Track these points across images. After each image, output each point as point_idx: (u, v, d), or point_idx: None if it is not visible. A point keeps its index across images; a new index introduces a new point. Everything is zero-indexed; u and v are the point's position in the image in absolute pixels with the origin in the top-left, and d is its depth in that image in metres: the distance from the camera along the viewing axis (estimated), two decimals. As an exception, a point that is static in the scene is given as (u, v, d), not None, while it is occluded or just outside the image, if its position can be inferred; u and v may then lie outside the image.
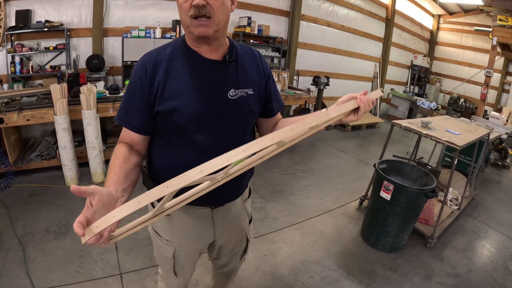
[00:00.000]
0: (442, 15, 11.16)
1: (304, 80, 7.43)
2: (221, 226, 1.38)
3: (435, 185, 2.93)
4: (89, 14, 4.67)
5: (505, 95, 9.70)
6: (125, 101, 1.18)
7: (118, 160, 1.06)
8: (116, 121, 1.20)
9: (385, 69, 9.76)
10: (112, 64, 5.03)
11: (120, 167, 1.04)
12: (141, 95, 1.13)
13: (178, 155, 1.19)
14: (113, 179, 0.99)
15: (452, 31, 11.05)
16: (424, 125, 3.58)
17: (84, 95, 3.49)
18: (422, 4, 10.45)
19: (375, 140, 7.20)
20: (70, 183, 3.59)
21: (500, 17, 7.19)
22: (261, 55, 1.35)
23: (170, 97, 1.11)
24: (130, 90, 1.16)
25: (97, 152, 3.66)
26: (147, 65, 1.12)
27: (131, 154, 1.13)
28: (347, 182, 4.64)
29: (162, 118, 1.14)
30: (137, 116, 1.15)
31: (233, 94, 1.19)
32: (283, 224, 3.35)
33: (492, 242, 3.64)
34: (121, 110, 1.18)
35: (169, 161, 1.21)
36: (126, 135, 1.19)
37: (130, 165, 1.08)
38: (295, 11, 6.90)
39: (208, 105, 1.14)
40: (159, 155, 1.24)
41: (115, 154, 1.11)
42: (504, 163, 6.69)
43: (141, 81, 1.12)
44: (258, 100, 1.28)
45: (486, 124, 5.66)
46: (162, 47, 1.19)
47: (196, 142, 1.16)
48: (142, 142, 1.20)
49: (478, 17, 10.04)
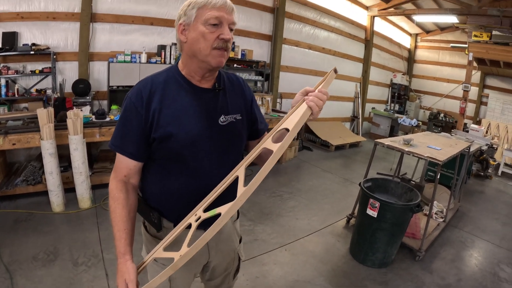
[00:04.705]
0: (419, 34, 11.62)
1: (287, 102, 7.55)
2: (214, 247, 1.41)
3: (419, 200, 3.01)
4: (76, 38, 4.70)
5: (483, 107, 10.04)
6: (120, 128, 1.22)
7: (123, 211, 1.19)
8: (111, 148, 1.24)
9: (366, 89, 10.00)
10: (98, 89, 5.03)
11: (127, 222, 1.19)
12: (137, 123, 1.17)
13: (173, 180, 1.24)
14: (126, 241, 1.18)
15: (430, 49, 11.51)
16: (406, 142, 3.68)
17: (71, 120, 3.48)
18: (400, 24, 10.87)
19: (358, 159, 7.33)
20: (57, 209, 3.54)
21: (475, 33, 7.53)
22: (244, 80, 1.44)
23: (166, 123, 1.17)
24: (125, 117, 1.20)
25: (83, 177, 3.63)
26: (142, 93, 1.17)
27: (129, 194, 1.23)
28: (333, 201, 4.68)
29: (158, 144, 1.19)
30: (133, 143, 1.19)
31: (224, 120, 1.26)
32: (273, 245, 3.35)
33: (479, 250, 3.73)
34: (116, 138, 1.22)
35: (164, 187, 1.25)
36: (122, 164, 1.23)
37: (132, 209, 1.23)
38: (277, 35, 7.06)
39: (201, 131, 1.20)
40: (154, 181, 1.27)
41: (115, 198, 1.21)
42: (486, 173, 6.89)
43: (137, 109, 1.17)
44: (246, 124, 1.36)
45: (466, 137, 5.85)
46: (156, 75, 1.24)
47: (190, 166, 1.21)
48: (138, 172, 1.26)
49: (454, 34, 10.52)
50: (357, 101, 9.87)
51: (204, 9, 1.10)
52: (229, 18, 1.13)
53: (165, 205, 1.27)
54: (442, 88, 11.16)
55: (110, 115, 4.37)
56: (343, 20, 8.77)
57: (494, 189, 6.33)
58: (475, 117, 10.17)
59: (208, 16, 1.10)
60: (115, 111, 4.53)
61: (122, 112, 1.22)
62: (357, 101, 9.88)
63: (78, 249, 2.93)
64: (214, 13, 1.10)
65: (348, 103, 9.80)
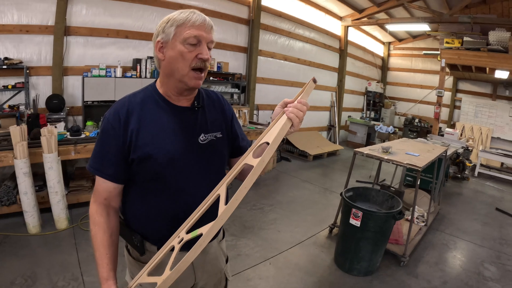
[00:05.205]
0: (392, 42, 12.00)
1: (264, 114, 7.59)
2: (201, 268, 1.36)
3: (401, 206, 3.05)
4: (49, 52, 4.55)
5: (457, 111, 10.43)
6: (98, 150, 1.18)
7: (104, 236, 1.15)
8: (89, 171, 1.19)
9: (341, 98, 10.18)
10: (72, 104, 4.88)
11: (109, 248, 1.15)
12: (115, 144, 1.14)
13: (154, 201, 1.20)
14: (109, 266, 1.13)
15: (402, 56, 11.88)
16: (385, 150, 3.74)
17: (45, 137, 3.35)
18: (373, 33, 11.19)
19: (337, 167, 7.39)
20: (33, 231, 3.37)
21: (447, 40, 7.83)
22: (223, 97, 1.42)
23: (144, 144, 1.14)
24: (103, 139, 1.16)
25: (59, 197, 3.49)
26: (119, 114, 1.14)
27: (110, 217, 1.19)
28: (315, 212, 4.67)
29: (137, 165, 1.15)
30: (112, 165, 1.15)
31: (204, 138, 1.23)
32: (257, 260, 3.30)
33: (462, 251, 3.83)
34: (95, 160, 1.18)
35: (146, 209, 1.21)
36: (101, 187, 1.18)
37: (114, 233, 1.19)
38: (252, 47, 7.09)
39: (181, 150, 1.17)
40: (135, 203, 1.23)
41: (95, 223, 1.16)
42: (463, 175, 7.11)
43: (115, 130, 1.13)
44: (226, 142, 1.34)
45: (442, 141, 6.03)
46: (133, 95, 1.21)
47: (171, 187, 1.18)
48: (118, 194, 1.22)
49: (425, 41, 10.93)
50: (333, 110, 10.00)
51: (183, 27, 1.08)
52: (207, 37, 1.12)
53: (147, 228, 1.23)
54: (416, 94, 11.51)
55: (85, 132, 4.24)
56: (318, 31, 8.93)
57: (472, 190, 6.54)
58: (449, 121, 10.53)
59: (187, 35, 1.08)
60: (91, 127, 4.40)
61: (99, 134, 1.19)
62: (333, 110, 10.02)
63: (57, 272, 2.79)
64: (193, 32, 1.08)
65: (324, 113, 9.93)
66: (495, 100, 9.55)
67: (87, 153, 3.89)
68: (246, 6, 7.00)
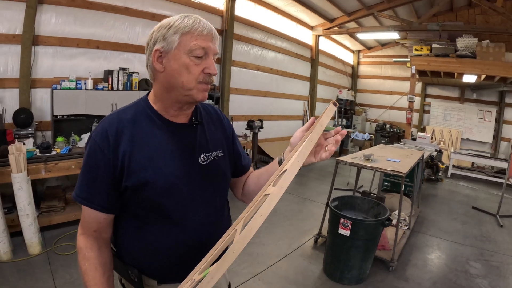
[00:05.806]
0: (361, 50, 12.33)
1: (238, 125, 7.47)
2: None
3: (388, 213, 3.07)
4: (16, 63, 4.25)
5: (427, 115, 10.84)
6: (84, 176, 1.02)
7: (97, 273, 1.01)
8: (75, 200, 1.03)
9: (314, 106, 10.28)
10: (41, 119, 4.58)
11: (103, 285, 1.00)
12: (104, 169, 0.99)
13: (152, 232, 1.06)
14: None
15: (372, 64, 12.23)
16: (367, 158, 3.77)
17: (13, 155, 3.11)
18: (343, 42, 11.45)
19: (313, 176, 7.36)
20: (4, 257, 3.09)
21: (416, 47, 8.13)
22: (221, 111, 1.30)
23: (140, 168, 1.00)
24: (89, 163, 1.01)
25: (31, 220, 3.23)
26: (108, 133, 0.99)
27: (102, 251, 1.05)
28: (297, 222, 4.61)
29: (132, 194, 1.01)
30: (101, 193, 1.00)
31: (204, 159, 1.11)
32: (245, 276, 3.17)
33: (446, 251, 3.93)
34: (82, 188, 1.02)
35: (141, 241, 1.07)
36: (90, 218, 1.03)
37: (107, 268, 1.05)
38: (226, 57, 7.00)
39: (181, 173, 1.05)
40: (129, 234, 1.09)
41: (86, 258, 1.02)
42: (437, 177, 7.36)
43: (103, 152, 0.98)
44: (228, 161, 1.22)
45: (416, 146, 6.20)
46: (122, 111, 1.07)
47: (171, 215, 1.05)
48: (109, 224, 1.07)
49: (394, 49, 11.32)
50: (306, 119, 10.08)
51: (189, 36, 0.95)
52: (214, 49, 1.01)
53: (144, 261, 1.08)
54: (386, 101, 11.84)
55: (56, 148, 3.99)
56: (290, 41, 8.98)
57: (447, 190, 6.77)
58: (419, 125, 10.90)
59: (194, 46, 0.96)
60: (61, 143, 4.13)
61: (85, 157, 1.02)
62: (306, 119, 10.09)
63: (31, 303, 2.57)
64: (201, 43, 0.96)
65: (297, 122, 9.95)
66: (463, 103, 10.00)
67: (59, 172, 3.67)
68: (219, 16, 6.92)
